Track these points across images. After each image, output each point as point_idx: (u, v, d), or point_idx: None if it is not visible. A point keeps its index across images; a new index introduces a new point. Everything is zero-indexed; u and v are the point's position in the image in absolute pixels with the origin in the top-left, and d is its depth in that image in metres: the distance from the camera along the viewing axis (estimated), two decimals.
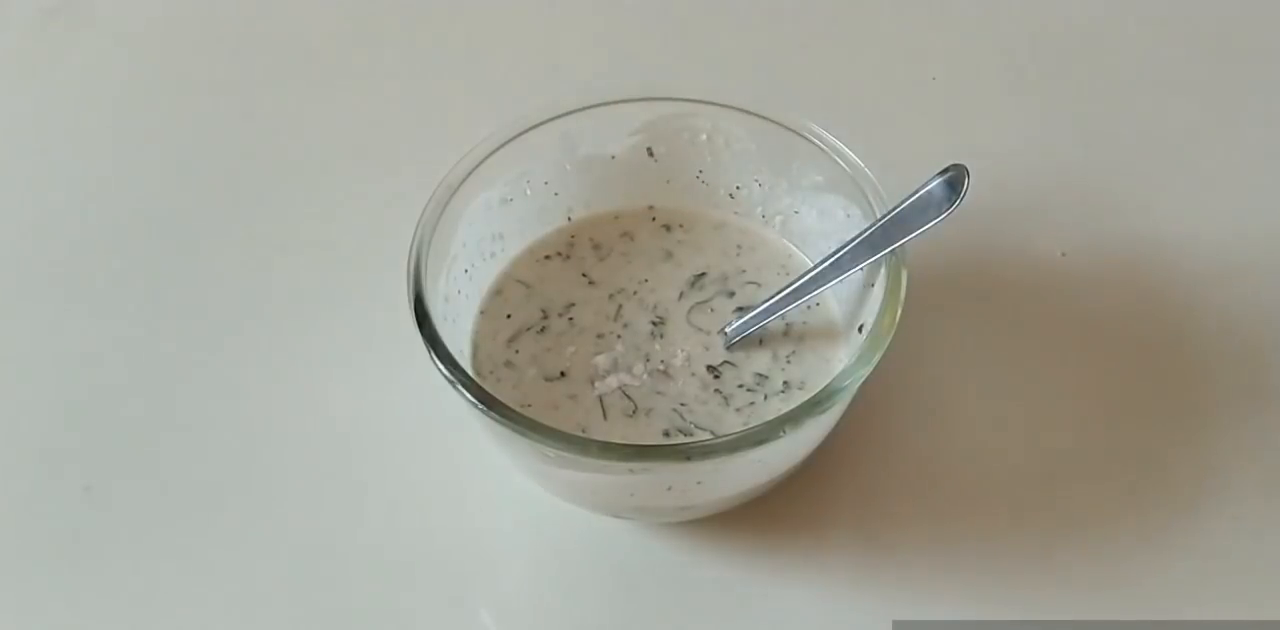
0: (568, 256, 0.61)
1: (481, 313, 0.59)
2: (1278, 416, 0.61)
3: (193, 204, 0.69)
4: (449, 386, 0.51)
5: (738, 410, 0.56)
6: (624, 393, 0.56)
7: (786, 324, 0.58)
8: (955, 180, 0.53)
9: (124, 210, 0.69)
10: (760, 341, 0.58)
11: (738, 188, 0.61)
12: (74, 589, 0.57)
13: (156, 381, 0.63)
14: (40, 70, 0.76)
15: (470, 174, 0.56)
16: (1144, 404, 0.61)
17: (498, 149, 0.56)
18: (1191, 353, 0.62)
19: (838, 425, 0.55)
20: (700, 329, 0.58)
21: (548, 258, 0.61)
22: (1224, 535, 0.58)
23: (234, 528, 0.58)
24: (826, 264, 0.55)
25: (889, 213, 0.53)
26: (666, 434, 0.55)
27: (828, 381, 0.51)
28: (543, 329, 0.58)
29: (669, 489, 0.53)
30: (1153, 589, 0.56)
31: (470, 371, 0.54)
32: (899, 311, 0.52)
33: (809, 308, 0.59)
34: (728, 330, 0.58)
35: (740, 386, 0.56)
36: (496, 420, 0.49)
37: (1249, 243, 0.66)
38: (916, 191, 0.53)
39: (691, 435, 0.55)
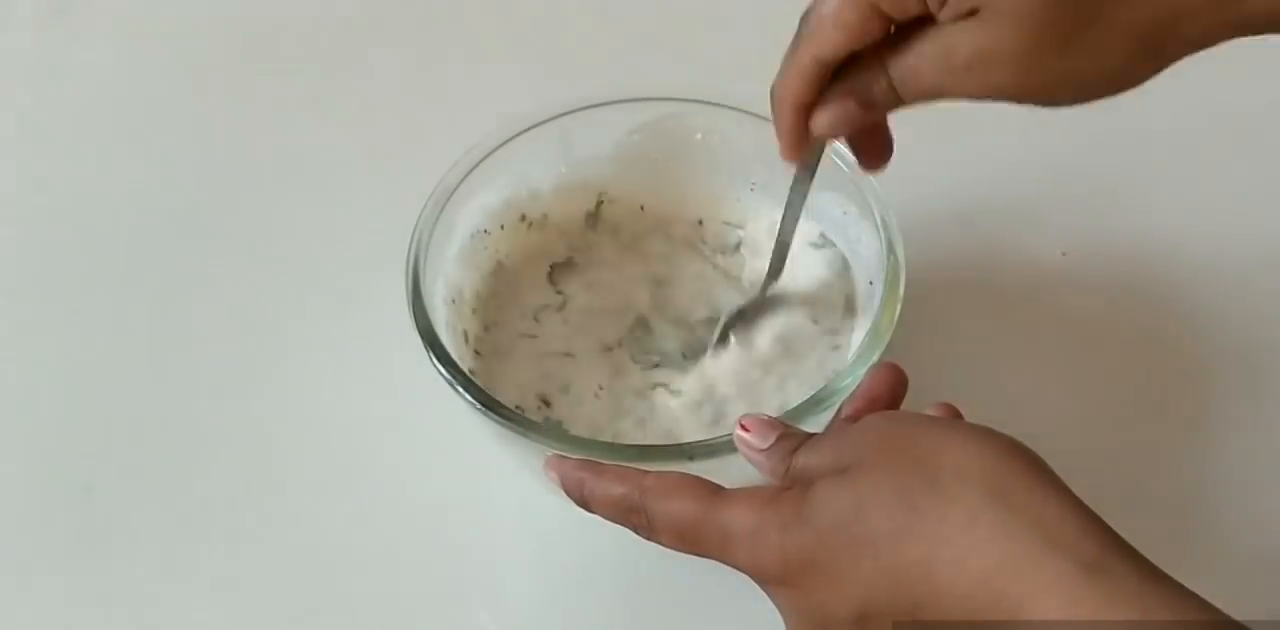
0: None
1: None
2: (1278, 416, 0.60)
3: (193, 205, 0.69)
4: (448, 387, 0.51)
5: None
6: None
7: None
8: None
9: (124, 211, 0.69)
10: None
11: (737, 187, 0.61)
12: (74, 589, 0.57)
13: (157, 382, 0.63)
14: (41, 70, 0.76)
15: (469, 174, 0.56)
16: (1144, 404, 0.61)
17: (496, 149, 0.57)
18: (1191, 353, 0.62)
19: None
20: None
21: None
22: (1224, 534, 0.57)
23: (234, 528, 0.58)
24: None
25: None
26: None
27: (826, 381, 0.51)
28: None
29: None
30: None
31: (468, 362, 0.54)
32: (898, 310, 0.52)
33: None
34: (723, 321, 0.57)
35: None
36: (497, 420, 0.49)
37: (1249, 243, 0.66)
38: None
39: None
